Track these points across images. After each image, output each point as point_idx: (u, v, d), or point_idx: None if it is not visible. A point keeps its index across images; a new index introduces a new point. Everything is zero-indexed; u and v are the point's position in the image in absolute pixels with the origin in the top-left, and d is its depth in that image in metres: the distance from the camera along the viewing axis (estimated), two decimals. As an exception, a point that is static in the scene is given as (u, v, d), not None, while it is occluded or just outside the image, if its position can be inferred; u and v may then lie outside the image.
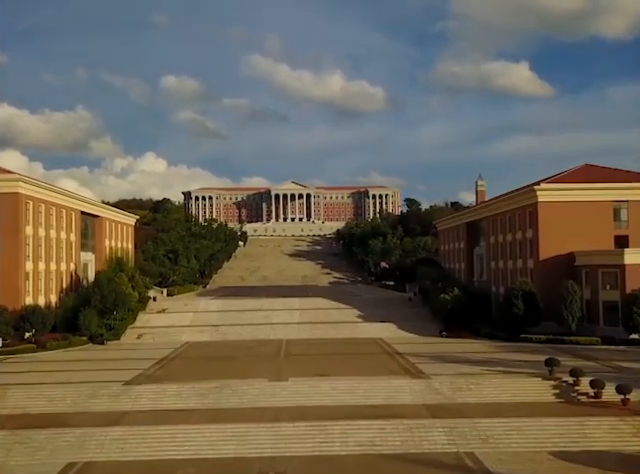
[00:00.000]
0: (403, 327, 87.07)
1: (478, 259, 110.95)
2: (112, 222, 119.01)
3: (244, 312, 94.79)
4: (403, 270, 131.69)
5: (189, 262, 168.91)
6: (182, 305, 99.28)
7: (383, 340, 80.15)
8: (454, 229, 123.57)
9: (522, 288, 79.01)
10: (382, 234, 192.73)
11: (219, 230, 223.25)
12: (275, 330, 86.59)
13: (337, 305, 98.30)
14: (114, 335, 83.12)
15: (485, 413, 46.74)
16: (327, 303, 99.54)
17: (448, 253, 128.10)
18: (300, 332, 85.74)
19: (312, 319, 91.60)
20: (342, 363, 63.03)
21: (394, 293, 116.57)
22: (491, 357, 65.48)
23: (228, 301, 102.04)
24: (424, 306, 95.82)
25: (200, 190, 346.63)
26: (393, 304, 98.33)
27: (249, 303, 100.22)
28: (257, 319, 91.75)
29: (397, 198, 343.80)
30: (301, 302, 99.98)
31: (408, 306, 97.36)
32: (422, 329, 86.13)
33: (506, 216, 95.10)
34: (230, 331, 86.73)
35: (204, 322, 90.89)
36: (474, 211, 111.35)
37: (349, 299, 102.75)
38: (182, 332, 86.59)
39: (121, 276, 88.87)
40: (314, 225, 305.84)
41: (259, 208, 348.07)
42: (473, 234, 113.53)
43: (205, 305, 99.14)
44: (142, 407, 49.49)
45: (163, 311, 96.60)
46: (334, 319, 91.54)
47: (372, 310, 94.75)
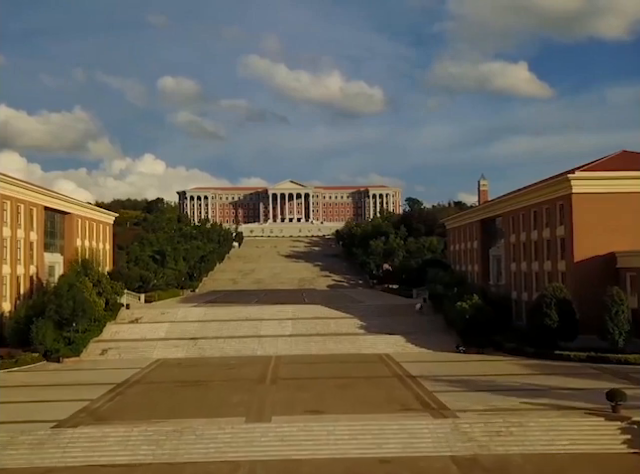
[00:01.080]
0: (413, 340, 73.82)
1: (494, 260, 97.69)
2: (85, 220, 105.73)
3: (229, 322, 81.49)
4: (409, 273, 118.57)
5: (177, 264, 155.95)
6: (158, 314, 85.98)
7: (390, 357, 66.95)
8: (466, 227, 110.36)
9: (555, 295, 65.75)
10: (384, 234, 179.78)
11: (212, 230, 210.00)
12: (263, 344, 73.33)
13: (336, 313, 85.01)
14: (73, 350, 69.87)
15: (536, 471, 33.80)
16: (325, 311, 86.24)
17: (459, 254, 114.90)
18: (293, 347, 72.48)
19: (307, 330, 78.38)
20: (342, 391, 49.78)
21: (400, 299, 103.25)
22: (527, 382, 52.24)
23: (211, 309, 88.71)
24: (436, 315, 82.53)
25: (195, 190, 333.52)
26: (400, 312, 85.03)
27: (235, 311, 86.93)
28: (243, 331, 78.51)
29: (398, 198, 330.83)
30: (295, 310, 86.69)
31: (417, 315, 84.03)
32: (435, 343, 72.86)
33: (530, 211, 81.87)
34: (210, 346, 73.45)
35: (181, 334, 77.61)
36: (490, 206, 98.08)
37: (350, 306, 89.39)
38: (154, 347, 73.30)
39: (84, 281, 75.68)
40: (313, 225, 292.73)
41: (256, 208, 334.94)
42: (489, 232, 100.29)
43: (184, 314, 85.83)
44: (72, 461, 36.55)
45: (136, 321, 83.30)
46: (332, 330, 78.30)
47: (376, 319, 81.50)
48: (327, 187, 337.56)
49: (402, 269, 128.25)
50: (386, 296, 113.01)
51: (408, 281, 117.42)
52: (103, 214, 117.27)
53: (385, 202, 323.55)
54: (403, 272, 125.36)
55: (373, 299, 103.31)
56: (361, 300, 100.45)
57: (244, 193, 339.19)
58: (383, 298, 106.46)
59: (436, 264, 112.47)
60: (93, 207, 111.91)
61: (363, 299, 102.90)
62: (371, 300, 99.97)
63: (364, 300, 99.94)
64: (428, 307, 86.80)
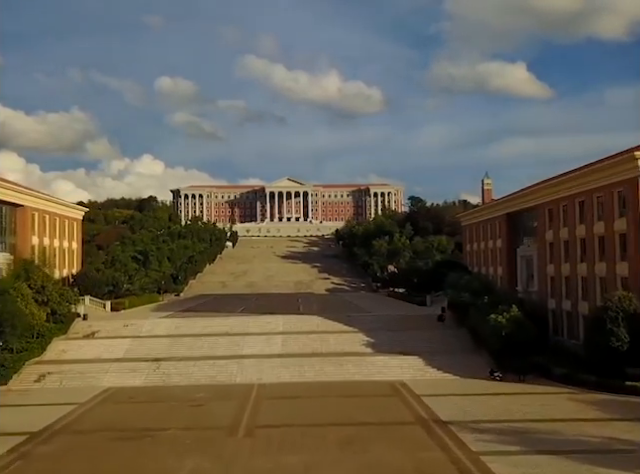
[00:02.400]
0: (434, 363, 57.68)
1: (523, 262, 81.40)
2: (45, 214, 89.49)
3: (204, 338, 65.34)
4: (418, 276, 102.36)
5: (161, 265, 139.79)
6: (121, 326, 69.83)
7: (407, 387, 50.88)
8: (486, 224, 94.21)
9: (623, 307, 49.78)
10: (388, 233, 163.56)
11: (202, 229, 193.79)
12: (245, 368, 57.20)
13: (336, 326, 68.87)
14: (2, 376, 53.88)
15: None
16: (323, 323, 70.08)
17: (477, 255, 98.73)
18: (282, 371, 56.38)
19: (301, 349, 62.29)
20: (346, 454, 33.62)
21: (411, 307, 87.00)
22: (606, 434, 36.15)
23: (185, 321, 72.37)
24: (459, 328, 66.38)
25: (190, 188, 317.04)
26: (415, 325, 68.82)
27: (214, 324, 70.68)
28: (221, 349, 62.36)
29: (400, 196, 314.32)
30: (287, 322, 70.45)
31: (436, 328, 67.85)
32: (462, 366, 56.76)
33: (574, 202, 65.71)
34: (177, 370, 57.32)
35: (144, 354, 61.46)
36: (520, 198, 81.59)
37: (353, 317, 72.89)
38: (107, 371, 57.17)
39: (19, 287, 59.57)
40: (311, 225, 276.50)
41: (253, 207, 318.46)
42: (516, 229, 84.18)
43: (151, 327, 69.65)
44: None
45: (91, 336, 67.17)
46: (332, 349, 62.19)
47: (386, 334, 65.32)
48: (326, 185, 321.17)
49: (410, 271, 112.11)
50: (394, 303, 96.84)
51: (418, 285, 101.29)
52: (70, 208, 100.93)
53: (387, 201, 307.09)
54: (411, 275, 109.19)
55: (379, 307, 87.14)
56: (366, 308, 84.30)
57: (240, 192, 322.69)
58: (391, 305, 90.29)
59: (451, 266, 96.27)
60: (56, 200, 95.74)
61: (368, 307, 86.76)
62: (378, 308, 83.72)
63: (369, 308, 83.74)
64: (448, 318, 70.71)
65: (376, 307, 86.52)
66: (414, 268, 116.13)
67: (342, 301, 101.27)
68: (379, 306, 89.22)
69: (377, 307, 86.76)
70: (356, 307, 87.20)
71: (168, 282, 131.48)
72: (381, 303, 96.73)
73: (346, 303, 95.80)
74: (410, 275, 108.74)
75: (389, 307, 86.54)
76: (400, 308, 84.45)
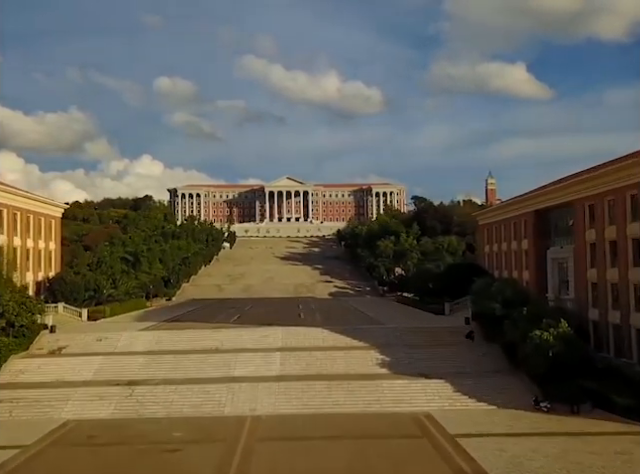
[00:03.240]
0: (464, 388, 47.30)
1: (555, 266, 70.95)
2: (16, 211, 79.14)
3: (189, 355, 54.95)
4: (432, 280, 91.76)
5: (151, 267, 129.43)
6: (93, 340, 59.41)
7: (437, 422, 40.56)
8: (509, 222, 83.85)
9: None
10: (394, 234, 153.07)
11: (198, 229, 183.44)
12: (236, 395, 46.83)
13: (344, 341, 58.49)
14: (-62, 406, 43.57)
15: None
16: (328, 337, 59.67)
17: (498, 257, 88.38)
18: (280, 400, 46.04)
19: (303, 369, 51.95)
20: None
21: (426, 316, 76.46)
22: None
23: (169, 334, 61.75)
24: (490, 345, 55.95)
25: (187, 187, 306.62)
26: (435, 339, 58.38)
27: (202, 337, 60.20)
28: (209, 369, 52.01)
29: (403, 196, 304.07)
30: (287, 335, 59.97)
31: (461, 343, 57.37)
32: (499, 393, 46.42)
33: (625, 195, 55.44)
34: (154, 396, 46.97)
35: (116, 375, 51.10)
36: (551, 193, 70.97)
37: (363, 330, 62.22)
38: (69, 397, 46.78)
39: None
40: (312, 225, 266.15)
41: (252, 207, 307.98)
42: (546, 228, 73.83)
43: (129, 341, 59.20)
44: None
45: (58, 352, 56.78)
46: (341, 369, 51.84)
47: (404, 351, 55.00)
48: (327, 185, 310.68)
49: (421, 275, 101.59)
50: (405, 310, 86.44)
51: (431, 290, 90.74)
52: (46, 205, 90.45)
53: (389, 201, 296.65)
54: (423, 279, 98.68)
55: (390, 315, 76.64)
56: (375, 317, 73.83)
57: (239, 191, 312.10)
58: (403, 314, 79.82)
59: (469, 270, 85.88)
60: (29, 195, 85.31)
61: (377, 315, 76.28)
62: (389, 317, 73.15)
63: (379, 317, 73.22)
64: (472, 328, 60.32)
65: (387, 315, 76.05)
66: (425, 271, 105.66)
67: (347, 308, 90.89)
68: (390, 314, 78.76)
69: (388, 315, 76.29)
70: (364, 316, 76.83)
71: (159, 285, 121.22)
72: (391, 310, 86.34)
73: (352, 311, 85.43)
74: (421, 279, 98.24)
75: (402, 316, 75.97)
76: (414, 318, 73.90)
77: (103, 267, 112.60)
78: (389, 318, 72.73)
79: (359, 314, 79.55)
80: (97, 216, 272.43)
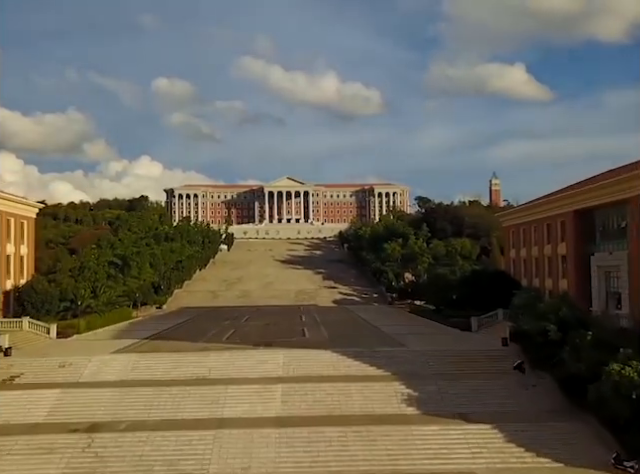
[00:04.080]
0: (517, 437, 36.37)
1: (602, 274, 60.18)
2: (-22, 211, 68.47)
3: (169, 388, 44.07)
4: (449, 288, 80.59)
5: (141, 272, 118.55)
6: (55, 366, 48.55)
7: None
8: (541, 224, 73.16)
9: None
10: (401, 236, 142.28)
11: (193, 231, 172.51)
12: (224, 446, 35.93)
13: (359, 368, 47.63)
14: None
15: None
16: (339, 362, 48.75)
17: (527, 263, 77.68)
18: (282, 454, 35.15)
19: (310, 408, 41.07)
20: None
21: (450, 332, 65.32)
22: None
23: (146, 358, 50.63)
24: (538, 376, 45.01)
25: (184, 187, 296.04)
26: (470, 367, 47.48)
27: (187, 362, 49.25)
28: (192, 408, 41.15)
29: (406, 197, 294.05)
30: (289, 360, 49.04)
31: (504, 373, 46.38)
32: (563, 444, 35.62)
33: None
34: (119, 448, 36.03)
35: (75, 415, 40.26)
36: (596, 190, 60.06)
37: (381, 353, 51.05)
38: (7, 451, 35.91)
39: None
40: (312, 226, 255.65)
41: (251, 208, 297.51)
42: (588, 230, 63.17)
43: (98, 367, 48.31)
44: None
45: (9, 382, 45.81)
46: (358, 408, 40.99)
47: (433, 382, 44.18)
48: (328, 185, 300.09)
49: (436, 282, 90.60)
50: (422, 324, 75.54)
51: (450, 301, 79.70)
52: (16, 204, 79.52)
53: (392, 201, 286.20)
54: (438, 286, 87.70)
55: (409, 330, 65.68)
56: (391, 334, 62.75)
57: (238, 191, 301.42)
58: (422, 329, 68.86)
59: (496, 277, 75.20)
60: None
61: (392, 330, 65.28)
62: (408, 333, 62.07)
63: (397, 334, 62.17)
64: (514, 354, 49.46)
65: (404, 331, 65.05)
66: (440, 278, 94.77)
67: (355, 320, 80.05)
68: (407, 329, 67.85)
69: (405, 331, 65.34)
70: (377, 332, 65.84)
71: (148, 292, 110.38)
72: (407, 324, 75.52)
73: (362, 325, 74.55)
74: (438, 286, 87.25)
75: (422, 332, 64.91)
76: (437, 335, 62.75)
77: (86, 273, 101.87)
78: (407, 334, 61.77)
79: (371, 329, 68.58)
80: (91, 217, 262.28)
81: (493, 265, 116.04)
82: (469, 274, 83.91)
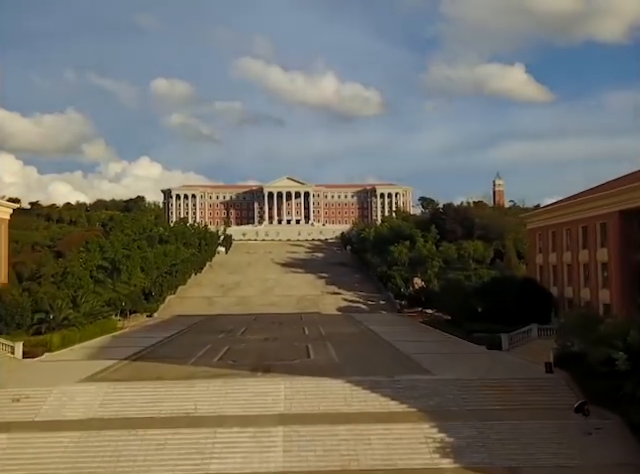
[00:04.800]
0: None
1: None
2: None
3: (145, 430, 35.19)
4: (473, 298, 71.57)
5: (131, 277, 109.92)
6: (7, 401, 39.65)
7: None
8: (575, 226, 64.43)
9: None
10: (408, 238, 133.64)
11: (189, 233, 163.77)
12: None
13: (378, 402, 38.84)
14: None
15: None
16: (352, 395, 39.79)
17: (558, 270, 68.89)
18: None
19: (319, 461, 32.22)
20: None
21: (473, 349, 56.50)
22: None
23: (121, 389, 41.74)
24: (599, 412, 36.18)
25: (182, 188, 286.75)
26: (513, 402, 38.70)
27: (168, 395, 40.45)
28: (167, 462, 32.37)
29: (409, 197, 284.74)
30: (292, 393, 40.15)
31: (555, 410, 37.55)
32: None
33: None
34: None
35: (22, 470, 31.54)
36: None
37: (402, 383, 41.84)
38: None
39: None
40: (313, 228, 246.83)
41: (250, 209, 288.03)
42: (636, 234, 54.49)
43: (60, 402, 39.45)
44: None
45: (-53, 422, 37.09)
46: (380, 461, 32.16)
47: (470, 422, 35.36)
48: (329, 185, 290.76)
49: (453, 289, 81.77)
50: (442, 339, 66.69)
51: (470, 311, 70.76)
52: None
53: (395, 202, 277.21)
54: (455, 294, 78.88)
55: (429, 349, 56.81)
56: (409, 353, 53.96)
57: (237, 192, 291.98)
58: (444, 346, 59.88)
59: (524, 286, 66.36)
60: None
61: (410, 349, 56.52)
62: (428, 353, 53.25)
63: (416, 353, 53.33)
64: (562, 382, 40.69)
65: (423, 350, 56.32)
66: (456, 284, 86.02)
67: (365, 333, 71.41)
68: (426, 347, 59.09)
69: (424, 349, 56.62)
70: (393, 351, 57.03)
71: (138, 299, 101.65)
72: (424, 339, 66.78)
73: (374, 341, 65.81)
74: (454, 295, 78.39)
75: (445, 351, 55.95)
76: (461, 354, 53.77)
77: (69, 279, 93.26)
78: (428, 354, 52.94)
79: (384, 346, 59.77)
80: (86, 218, 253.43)
81: (510, 270, 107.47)
82: (490, 281, 75.17)
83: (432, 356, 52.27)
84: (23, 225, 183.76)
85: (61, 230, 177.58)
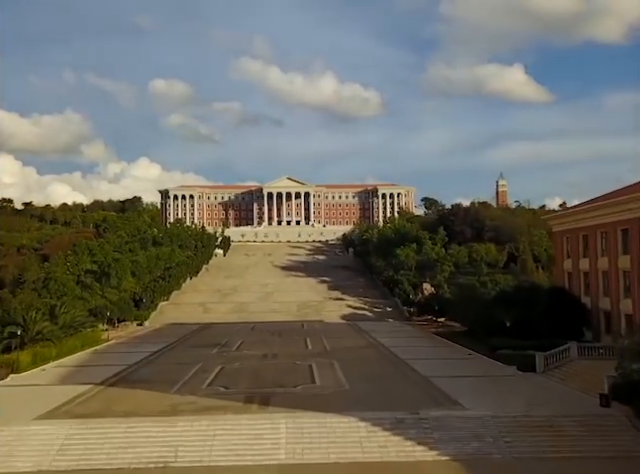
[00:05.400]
0: None
1: None
2: None
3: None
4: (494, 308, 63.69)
5: (120, 283, 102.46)
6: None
7: None
8: (613, 229, 56.71)
9: None
10: (414, 240, 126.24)
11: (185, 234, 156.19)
12: None
13: (402, 448, 31.26)
14: None
15: None
16: (370, 439, 32.19)
17: (590, 278, 61.15)
18: None
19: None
20: None
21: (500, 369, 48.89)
22: None
23: (85, 430, 34.25)
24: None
25: (179, 188, 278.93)
26: (568, 446, 31.18)
27: (144, 437, 32.87)
28: None
29: (411, 198, 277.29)
30: (294, 435, 32.54)
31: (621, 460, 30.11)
32: None
33: None
34: None
35: None
36: None
37: (429, 422, 33.95)
38: None
39: None
40: (314, 229, 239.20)
41: (249, 209, 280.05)
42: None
43: (8, 447, 31.95)
44: None
45: None
46: None
47: (519, 479, 27.83)
48: (330, 185, 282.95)
49: (470, 298, 74.09)
50: (459, 353, 59.01)
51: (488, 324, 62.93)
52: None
53: (397, 202, 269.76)
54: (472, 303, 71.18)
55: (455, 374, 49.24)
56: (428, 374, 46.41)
57: (236, 192, 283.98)
58: (466, 365, 52.20)
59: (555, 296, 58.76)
60: None
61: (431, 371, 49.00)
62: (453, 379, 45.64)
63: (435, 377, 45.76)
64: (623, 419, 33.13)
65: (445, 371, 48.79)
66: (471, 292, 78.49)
67: (378, 352, 63.66)
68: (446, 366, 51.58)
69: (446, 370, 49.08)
70: (410, 373, 49.43)
71: (127, 307, 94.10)
72: (442, 354, 59.17)
73: (388, 359, 58.24)
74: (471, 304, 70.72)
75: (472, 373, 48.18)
76: (493, 378, 46.11)
77: (51, 286, 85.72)
78: (452, 378, 45.29)
79: (400, 367, 52.04)
80: (80, 219, 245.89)
81: (525, 275, 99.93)
82: (513, 290, 67.51)
83: (457, 381, 44.58)
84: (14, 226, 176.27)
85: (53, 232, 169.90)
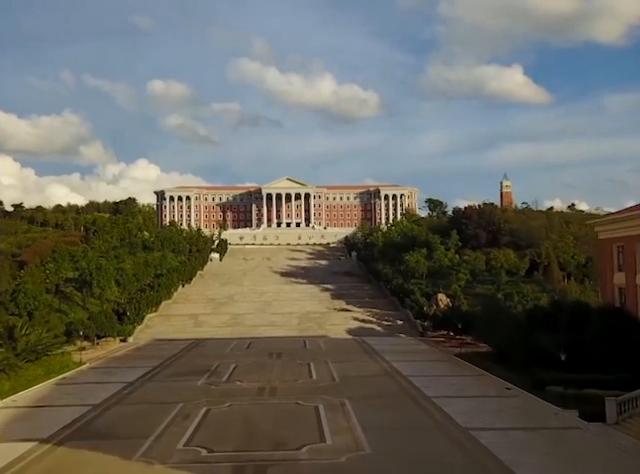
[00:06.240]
0: None
1: None
2: None
3: None
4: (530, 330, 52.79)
5: (103, 293, 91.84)
6: None
7: None
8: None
9: None
10: (424, 244, 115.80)
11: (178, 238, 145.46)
12: None
13: None
14: None
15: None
16: None
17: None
18: None
19: None
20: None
21: (566, 419, 38.41)
22: None
23: None
24: None
25: (176, 189, 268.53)
26: None
27: None
28: None
29: (414, 199, 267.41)
30: None
31: None
32: None
33: None
34: None
35: None
36: None
37: None
38: None
39: None
40: (314, 231, 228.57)
41: (248, 211, 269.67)
42: None
43: None
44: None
45: None
46: None
47: None
48: (331, 186, 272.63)
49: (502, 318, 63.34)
50: (494, 385, 48.46)
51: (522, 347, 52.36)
52: None
53: (400, 204, 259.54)
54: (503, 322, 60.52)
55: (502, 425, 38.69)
56: (468, 424, 35.92)
57: (234, 193, 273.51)
58: (510, 409, 41.58)
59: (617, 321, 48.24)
60: None
61: (460, 410, 38.62)
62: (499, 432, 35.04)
63: (477, 429, 35.27)
64: None
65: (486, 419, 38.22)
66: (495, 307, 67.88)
67: (398, 385, 53.00)
68: (485, 409, 40.98)
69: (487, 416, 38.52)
70: (444, 421, 38.88)
71: (108, 321, 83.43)
72: (474, 391, 48.51)
73: (412, 399, 47.60)
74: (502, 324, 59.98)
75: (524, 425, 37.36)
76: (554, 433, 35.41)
77: (20, 299, 75.06)
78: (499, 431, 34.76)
79: (430, 412, 41.33)
80: (72, 221, 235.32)
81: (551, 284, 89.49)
82: (554, 308, 56.86)
83: (509, 435, 33.90)
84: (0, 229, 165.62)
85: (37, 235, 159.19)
